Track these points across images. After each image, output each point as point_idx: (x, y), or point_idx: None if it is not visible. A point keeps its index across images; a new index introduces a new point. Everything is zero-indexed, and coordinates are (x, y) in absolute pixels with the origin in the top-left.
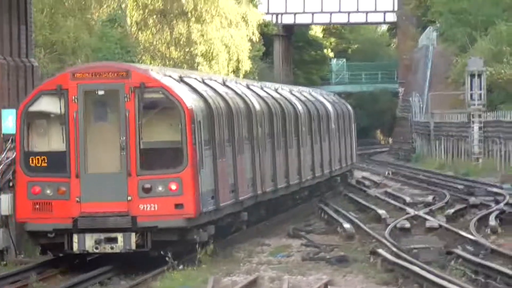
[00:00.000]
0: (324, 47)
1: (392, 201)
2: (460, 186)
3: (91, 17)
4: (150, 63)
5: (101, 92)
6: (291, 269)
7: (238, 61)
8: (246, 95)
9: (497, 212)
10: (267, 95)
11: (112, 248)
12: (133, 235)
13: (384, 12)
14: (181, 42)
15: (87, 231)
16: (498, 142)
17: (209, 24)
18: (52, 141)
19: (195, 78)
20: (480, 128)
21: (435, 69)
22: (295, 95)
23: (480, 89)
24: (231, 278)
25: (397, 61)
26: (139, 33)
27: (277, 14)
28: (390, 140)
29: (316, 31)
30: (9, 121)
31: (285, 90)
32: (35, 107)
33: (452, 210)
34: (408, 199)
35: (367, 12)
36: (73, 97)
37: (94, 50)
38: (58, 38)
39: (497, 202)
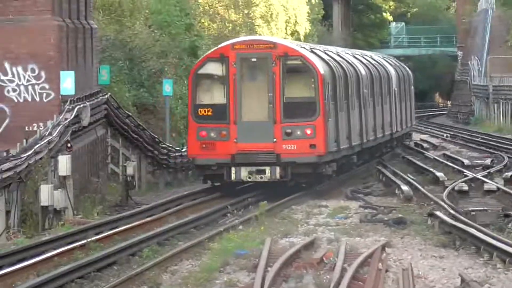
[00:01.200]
0: (383, 11)
1: (450, 164)
2: None
3: None
4: (208, 26)
5: (254, 59)
6: (348, 231)
7: (296, 23)
8: (353, 62)
9: None
10: (365, 60)
11: (261, 178)
12: (278, 168)
13: None
14: (240, 4)
15: (242, 164)
16: None
17: None
18: (215, 96)
19: (319, 49)
20: None
21: (494, 32)
22: (359, 59)
23: None
24: (289, 239)
25: (456, 25)
26: None
27: None
28: (449, 103)
29: None
30: (68, 83)
31: (356, 54)
32: (203, 70)
33: (510, 173)
34: (466, 161)
35: None
36: (233, 63)
37: (153, 12)
38: (116, 0)
39: None
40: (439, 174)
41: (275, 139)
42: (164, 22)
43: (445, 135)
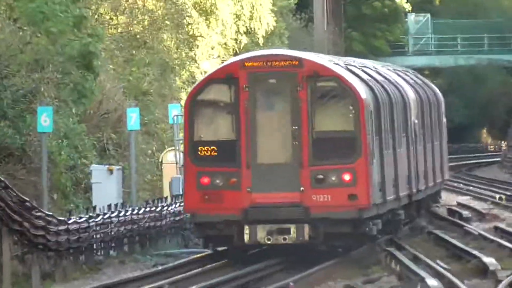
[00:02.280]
0: None
1: (508, 244)
2: None
3: None
4: (112, 19)
5: (273, 81)
6: None
7: (252, 17)
8: (397, 82)
9: None
10: (410, 79)
11: (284, 239)
12: (306, 226)
13: None
14: None
15: (259, 222)
16: None
17: None
18: (221, 130)
19: (355, 65)
20: None
21: None
22: (402, 76)
23: None
24: None
25: None
26: None
27: None
28: (504, 144)
29: None
30: None
31: (397, 70)
32: (204, 96)
33: None
34: None
35: None
36: (244, 86)
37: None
38: None
39: None
40: (488, 260)
41: (302, 188)
42: (39, 14)
43: (498, 196)
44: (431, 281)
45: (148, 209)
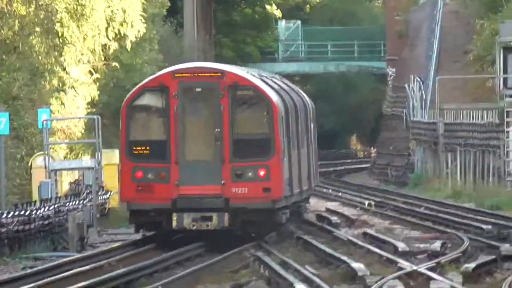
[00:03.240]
0: (267, 2)
1: (376, 249)
2: (485, 226)
3: None
4: None
5: (198, 89)
6: None
7: (124, 22)
8: (299, 92)
9: None
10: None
11: (207, 226)
12: (226, 214)
13: None
14: None
15: (185, 210)
16: None
17: None
18: (154, 131)
19: (266, 76)
20: None
21: (447, 39)
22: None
23: None
24: None
25: (385, 25)
26: None
27: None
28: (373, 151)
29: None
30: None
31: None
32: (139, 102)
33: (472, 265)
34: (401, 245)
35: None
36: (174, 93)
37: None
38: None
39: None
40: (357, 266)
41: (223, 181)
42: None
43: (366, 202)
44: (300, 286)
45: (17, 212)
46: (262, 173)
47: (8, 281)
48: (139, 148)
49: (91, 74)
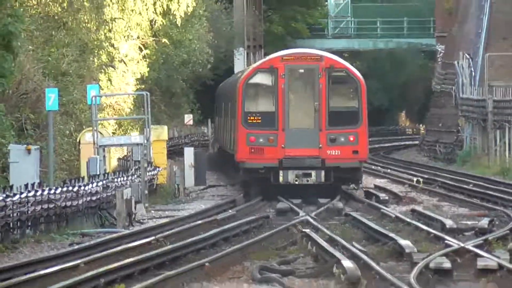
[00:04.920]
0: None
1: (423, 226)
2: None
3: None
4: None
5: (302, 71)
6: None
7: None
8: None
9: None
10: None
11: (307, 181)
12: (323, 172)
13: None
14: None
15: (290, 168)
16: None
17: None
18: (265, 104)
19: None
20: None
21: (496, 15)
22: None
23: None
24: None
25: (434, 1)
26: None
27: None
28: (422, 128)
29: None
30: None
31: None
32: (253, 80)
33: None
34: (449, 222)
35: None
36: (282, 74)
37: None
38: None
39: None
40: (405, 243)
41: (320, 145)
42: None
43: (415, 179)
44: (346, 262)
45: (65, 188)
46: (351, 138)
47: (56, 257)
48: (253, 118)
49: (141, 50)
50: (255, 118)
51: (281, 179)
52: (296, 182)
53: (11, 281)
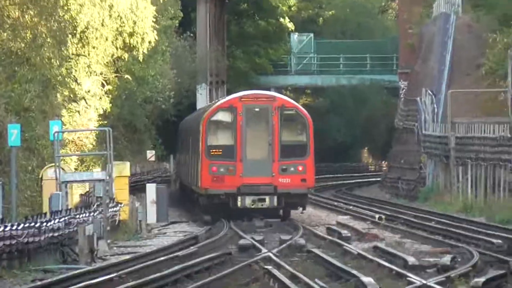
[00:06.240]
0: (280, 14)
1: (386, 263)
2: (495, 240)
3: None
4: None
5: (257, 109)
6: None
7: (134, 33)
8: None
9: None
10: None
11: (262, 205)
12: (275, 197)
13: None
14: (44, 4)
15: (247, 194)
16: None
17: None
18: (225, 139)
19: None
20: None
21: (459, 52)
22: None
23: None
24: None
25: (397, 38)
26: None
27: None
28: (384, 164)
29: None
30: None
31: None
32: (215, 118)
33: (482, 279)
34: (411, 259)
35: None
36: (240, 112)
37: None
38: None
39: None
40: (367, 280)
41: (273, 174)
42: None
43: (377, 216)
44: None
45: (27, 224)
46: (300, 168)
47: None
48: (214, 150)
49: (103, 86)
50: (217, 150)
51: (239, 203)
52: (252, 206)
53: None
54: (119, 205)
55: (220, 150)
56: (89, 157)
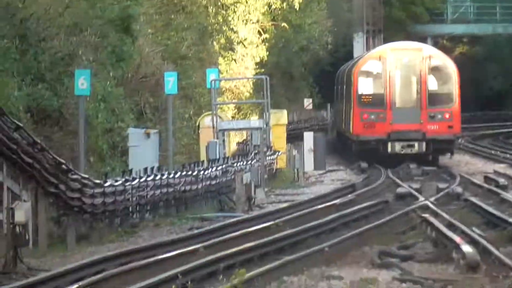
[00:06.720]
0: None
1: None
2: None
3: None
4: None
5: (406, 59)
6: None
7: None
8: None
9: None
10: None
11: (411, 150)
12: (424, 143)
13: None
14: None
15: (396, 140)
16: None
17: None
18: (375, 87)
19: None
20: None
21: None
22: None
23: None
24: None
25: None
26: None
27: None
28: None
29: None
30: None
31: None
32: (365, 68)
33: None
34: None
35: None
36: (389, 62)
37: None
38: None
39: None
40: None
41: (421, 121)
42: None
43: None
44: (466, 247)
45: (184, 173)
46: (447, 115)
47: (175, 241)
48: (365, 98)
49: (260, 34)
50: (368, 98)
51: (389, 149)
52: (402, 152)
53: (130, 265)
54: (277, 153)
55: (371, 98)
56: (246, 105)
